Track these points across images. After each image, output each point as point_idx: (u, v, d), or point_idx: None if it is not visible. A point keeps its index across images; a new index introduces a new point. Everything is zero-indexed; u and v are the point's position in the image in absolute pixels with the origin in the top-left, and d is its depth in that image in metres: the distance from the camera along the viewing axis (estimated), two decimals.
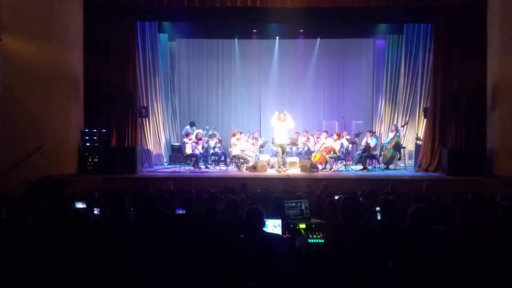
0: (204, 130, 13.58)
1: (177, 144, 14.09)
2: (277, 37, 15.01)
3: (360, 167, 12.28)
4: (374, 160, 12.44)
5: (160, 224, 3.98)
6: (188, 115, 15.15)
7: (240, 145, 12.14)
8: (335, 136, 12.22)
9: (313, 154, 12.48)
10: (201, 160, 12.79)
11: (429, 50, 12.72)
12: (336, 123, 14.79)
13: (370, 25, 14.32)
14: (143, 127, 12.96)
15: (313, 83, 15.44)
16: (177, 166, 12.78)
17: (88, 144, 11.29)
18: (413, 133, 13.66)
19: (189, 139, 12.39)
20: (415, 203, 4.96)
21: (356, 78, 15.44)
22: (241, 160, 12.12)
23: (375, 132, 13.71)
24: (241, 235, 3.77)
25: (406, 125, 13.46)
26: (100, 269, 3.28)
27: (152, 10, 12.09)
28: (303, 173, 11.47)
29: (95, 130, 11.40)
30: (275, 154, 12.55)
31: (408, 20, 13.28)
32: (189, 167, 12.25)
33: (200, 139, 12.73)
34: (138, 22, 12.54)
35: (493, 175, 10.61)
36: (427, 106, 12.41)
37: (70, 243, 3.52)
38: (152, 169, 12.42)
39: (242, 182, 9.00)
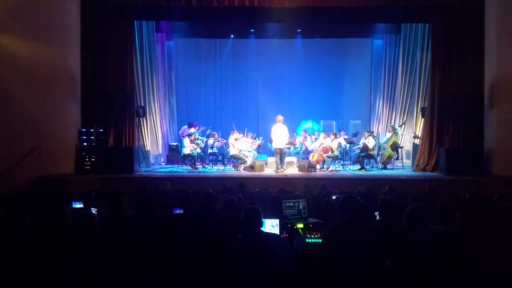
0: (199, 130, 13.52)
1: (175, 144, 14.06)
2: (275, 37, 14.99)
3: (357, 166, 12.29)
4: (372, 160, 12.43)
5: (158, 224, 3.97)
6: (186, 115, 15.11)
7: (238, 145, 12.13)
8: (331, 136, 12.22)
9: (311, 154, 12.49)
10: (199, 160, 12.77)
11: (426, 49, 12.72)
12: (334, 122, 14.79)
13: (368, 25, 14.32)
14: (141, 126, 12.92)
15: (311, 82, 15.41)
16: (175, 166, 12.76)
17: (85, 143, 11.25)
18: (410, 133, 13.66)
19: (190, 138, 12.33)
20: (413, 202, 4.96)
21: (354, 77, 15.44)
22: (239, 160, 12.10)
23: (373, 131, 13.72)
24: (239, 235, 3.77)
25: (403, 125, 13.47)
26: (98, 268, 3.28)
27: (149, 9, 12.05)
28: (300, 172, 11.46)
29: (92, 130, 11.36)
30: (273, 154, 12.54)
31: (406, 20, 13.29)
32: (186, 167, 12.22)
33: (196, 138, 12.69)
34: (135, 21, 12.52)
35: (491, 175, 10.62)
36: (425, 105, 12.43)
37: (71, 243, 3.51)
38: (149, 169, 12.39)
39: (241, 182, 8.99)
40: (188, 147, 12.19)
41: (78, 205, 5.64)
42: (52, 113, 10.35)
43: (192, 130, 12.98)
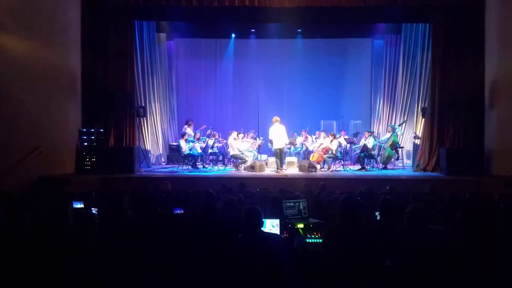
0: (200, 129, 13.52)
1: (175, 144, 14.07)
2: (275, 37, 14.99)
3: (358, 167, 12.28)
4: (372, 160, 12.42)
5: (158, 224, 3.97)
6: (186, 115, 15.11)
7: (238, 145, 12.13)
8: (330, 137, 12.19)
9: (311, 154, 12.48)
10: (199, 160, 12.76)
11: (427, 49, 12.73)
12: (334, 122, 14.80)
13: (368, 25, 14.34)
14: (141, 126, 12.93)
15: (311, 82, 15.43)
16: (175, 166, 12.76)
17: (85, 143, 11.25)
18: (411, 133, 13.66)
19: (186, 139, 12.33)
20: (413, 202, 4.96)
21: (354, 77, 15.45)
22: (239, 160, 12.10)
23: (373, 132, 13.72)
24: (239, 235, 3.77)
25: (404, 123, 13.46)
26: (99, 268, 3.28)
27: (150, 9, 12.05)
28: (301, 173, 11.46)
29: (92, 130, 11.36)
30: (273, 154, 12.54)
31: (406, 20, 13.28)
32: (187, 167, 12.22)
33: (199, 138, 12.70)
34: (136, 21, 12.52)
35: (491, 175, 10.61)
36: (425, 105, 12.43)
37: (71, 243, 3.52)
38: (150, 169, 12.39)
39: (241, 182, 8.99)
40: (186, 148, 12.18)
41: (79, 205, 5.65)
42: (52, 113, 10.35)
43: (188, 130, 12.99)
